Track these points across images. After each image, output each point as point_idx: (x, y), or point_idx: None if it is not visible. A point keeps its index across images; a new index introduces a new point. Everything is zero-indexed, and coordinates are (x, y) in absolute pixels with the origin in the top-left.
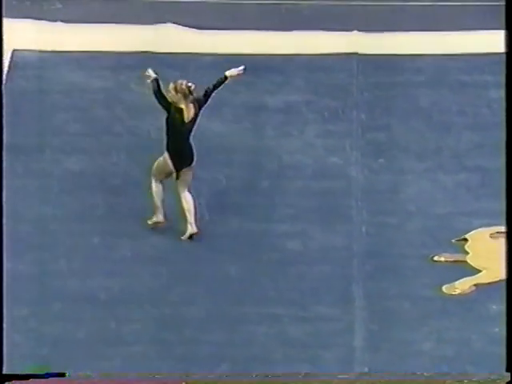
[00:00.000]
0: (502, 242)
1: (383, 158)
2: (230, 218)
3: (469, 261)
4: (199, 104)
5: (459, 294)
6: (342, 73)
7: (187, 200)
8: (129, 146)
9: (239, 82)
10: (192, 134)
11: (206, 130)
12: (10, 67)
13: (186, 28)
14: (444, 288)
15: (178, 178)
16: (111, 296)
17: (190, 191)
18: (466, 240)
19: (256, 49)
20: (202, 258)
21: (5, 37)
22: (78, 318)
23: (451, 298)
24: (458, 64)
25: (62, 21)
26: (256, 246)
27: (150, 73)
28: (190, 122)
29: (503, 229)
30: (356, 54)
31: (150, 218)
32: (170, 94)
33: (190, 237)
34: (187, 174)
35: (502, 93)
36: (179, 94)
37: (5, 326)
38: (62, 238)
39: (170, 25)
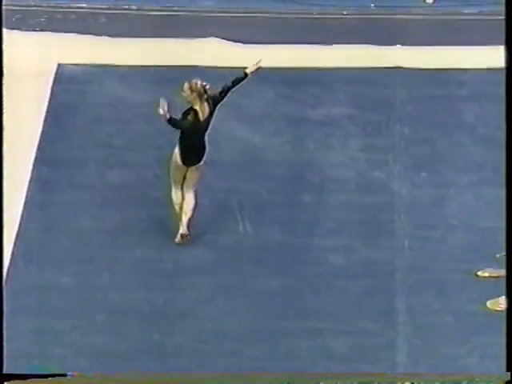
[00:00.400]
0: None
1: (426, 172)
2: (272, 232)
3: None
4: (214, 102)
5: (503, 309)
6: (385, 86)
7: (188, 202)
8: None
9: (281, 94)
10: (207, 131)
11: (247, 143)
12: (54, 81)
13: (229, 42)
14: (488, 303)
15: (185, 177)
16: (153, 309)
17: (196, 194)
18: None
19: (299, 62)
20: (243, 271)
21: (50, 51)
22: (121, 330)
23: (495, 313)
24: (500, 78)
25: (106, 35)
26: (298, 260)
27: (163, 112)
28: (205, 120)
29: None
30: (399, 67)
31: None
32: (186, 94)
33: (182, 238)
34: (195, 173)
35: None
36: (194, 94)
37: (48, 338)
38: (105, 251)
39: (213, 39)
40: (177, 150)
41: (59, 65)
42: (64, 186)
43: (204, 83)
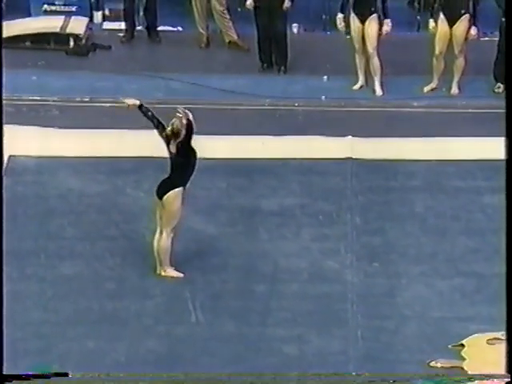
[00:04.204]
0: (499, 348)
1: (378, 262)
2: (224, 322)
3: (465, 367)
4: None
5: None
6: (337, 177)
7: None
8: (124, 250)
9: (234, 185)
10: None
11: (201, 234)
12: (5, 173)
13: None
14: None
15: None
16: None
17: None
18: (462, 346)
19: (251, 153)
20: (197, 362)
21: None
22: None
23: None
24: (451, 169)
25: (58, 127)
26: (252, 351)
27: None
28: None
29: (500, 335)
30: (350, 158)
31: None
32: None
33: None
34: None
35: (496, 198)
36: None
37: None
38: (56, 343)
39: None
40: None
41: (10, 156)
42: (15, 277)
43: (179, 128)
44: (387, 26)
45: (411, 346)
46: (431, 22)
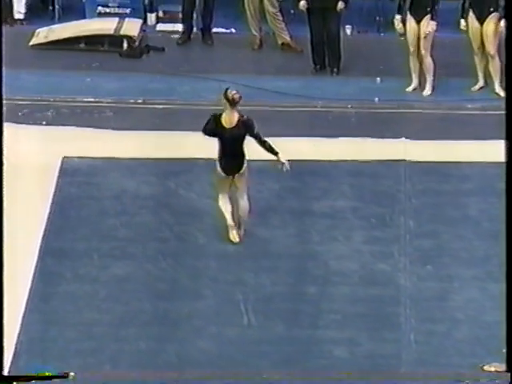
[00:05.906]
0: None
1: (431, 265)
2: (275, 324)
3: None
4: (247, 126)
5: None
6: (390, 179)
7: (243, 208)
8: (176, 252)
9: (286, 187)
10: (239, 141)
11: (252, 236)
12: (59, 174)
13: None
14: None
15: (232, 185)
16: None
17: (248, 197)
18: None
19: (304, 155)
20: (247, 364)
21: (56, 144)
22: None
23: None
24: (504, 172)
25: (112, 128)
26: (302, 353)
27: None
28: (232, 129)
29: None
30: (403, 160)
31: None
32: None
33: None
34: (240, 180)
35: None
36: (225, 100)
37: None
38: (108, 344)
39: None
40: (217, 165)
41: (64, 158)
42: (68, 278)
43: (235, 95)
44: (431, 26)
45: (464, 350)
46: (462, 22)
